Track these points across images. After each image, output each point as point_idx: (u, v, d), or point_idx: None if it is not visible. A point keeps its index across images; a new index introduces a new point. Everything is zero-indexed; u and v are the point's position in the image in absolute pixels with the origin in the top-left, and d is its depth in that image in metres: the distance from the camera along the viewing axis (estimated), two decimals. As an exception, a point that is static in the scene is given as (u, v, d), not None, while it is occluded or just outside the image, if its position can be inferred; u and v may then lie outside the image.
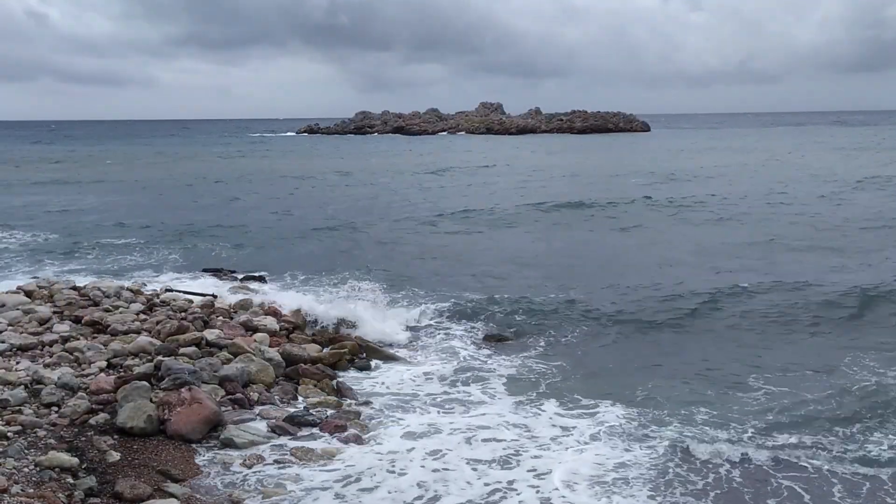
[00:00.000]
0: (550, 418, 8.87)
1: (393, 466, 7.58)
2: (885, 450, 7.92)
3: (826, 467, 7.62)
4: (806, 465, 7.68)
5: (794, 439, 8.19)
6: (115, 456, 7.37)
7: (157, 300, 13.01)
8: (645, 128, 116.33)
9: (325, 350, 11.27)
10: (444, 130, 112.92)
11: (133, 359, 10.07)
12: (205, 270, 16.75)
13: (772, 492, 7.18)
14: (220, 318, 12.14)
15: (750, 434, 8.30)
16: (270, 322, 12.01)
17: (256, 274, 16.27)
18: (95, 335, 11.05)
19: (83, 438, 7.68)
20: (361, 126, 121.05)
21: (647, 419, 8.72)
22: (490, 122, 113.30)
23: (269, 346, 10.95)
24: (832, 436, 8.29)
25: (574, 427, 8.59)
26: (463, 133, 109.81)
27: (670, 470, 7.52)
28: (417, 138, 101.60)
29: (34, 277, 15.06)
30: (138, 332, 11.09)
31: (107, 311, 12.08)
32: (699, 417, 8.78)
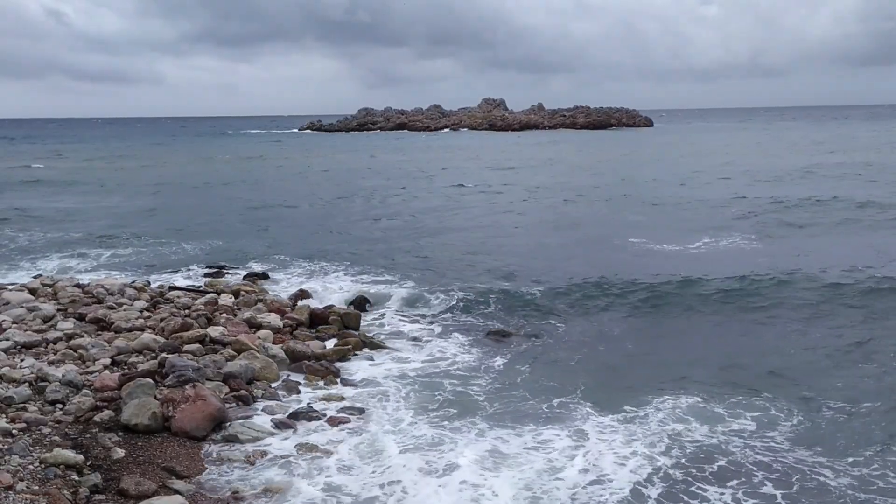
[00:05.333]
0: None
1: (395, 461, 7.58)
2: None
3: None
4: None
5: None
6: (119, 453, 7.39)
7: (161, 297, 13.03)
8: (648, 123, 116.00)
9: (328, 346, 11.28)
10: (447, 127, 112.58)
11: (137, 356, 10.09)
12: (208, 268, 16.77)
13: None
14: (224, 315, 12.15)
15: None
16: (274, 319, 12.01)
17: (259, 271, 16.27)
18: (99, 332, 11.08)
19: (88, 436, 7.70)
20: (364, 123, 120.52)
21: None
22: (492, 119, 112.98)
23: (273, 343, 10.97)
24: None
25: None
26: (465, 129, 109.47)
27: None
28: (420, 136, 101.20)
29: (36, 276, 15.07)
30: (142, 330, 11.12)
31: (111, 308, 12.11)
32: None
